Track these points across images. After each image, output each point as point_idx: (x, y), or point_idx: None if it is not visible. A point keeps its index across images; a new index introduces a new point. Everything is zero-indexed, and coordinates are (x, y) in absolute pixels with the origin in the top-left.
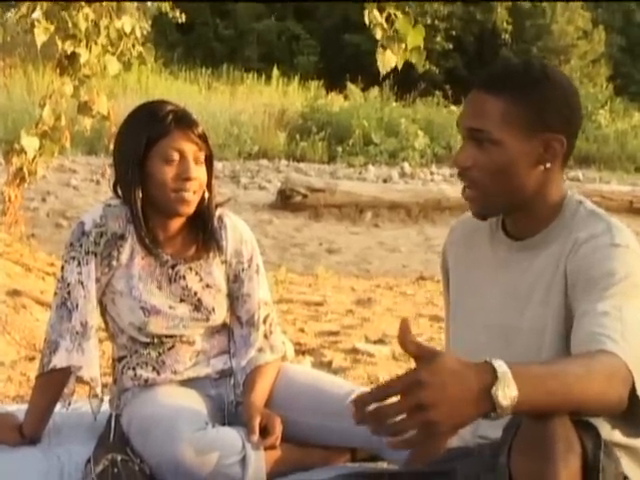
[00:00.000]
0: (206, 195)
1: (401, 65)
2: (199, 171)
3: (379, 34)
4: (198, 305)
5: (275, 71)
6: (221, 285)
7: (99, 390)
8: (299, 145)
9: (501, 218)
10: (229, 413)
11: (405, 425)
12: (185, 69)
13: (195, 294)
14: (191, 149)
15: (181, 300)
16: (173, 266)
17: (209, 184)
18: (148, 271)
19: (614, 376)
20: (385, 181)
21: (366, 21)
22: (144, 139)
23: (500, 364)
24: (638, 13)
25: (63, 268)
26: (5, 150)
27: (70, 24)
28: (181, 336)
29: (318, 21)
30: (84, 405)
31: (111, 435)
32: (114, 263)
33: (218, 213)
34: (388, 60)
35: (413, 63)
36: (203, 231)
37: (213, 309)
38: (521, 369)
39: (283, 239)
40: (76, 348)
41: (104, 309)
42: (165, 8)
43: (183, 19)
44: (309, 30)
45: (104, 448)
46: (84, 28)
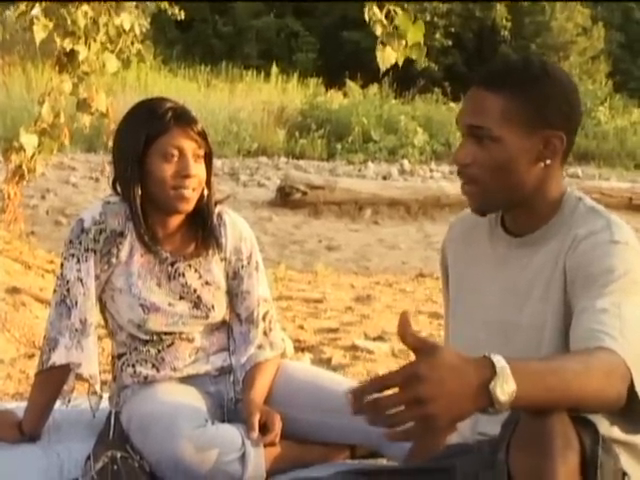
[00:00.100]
0: (205, 192)
1: (402, 62)
2: (198, 168)
3: (379, 30)
4: (197, 302)
5: (274, 68)
6: (220, 282)
7: (98, 387)
8: (298, 142)
9: (500, 215)
10: (229, 410)
11: (402, 417)
12: (184, 66)
13: (194, 291)
14: (190, 146)
15: (180, 297)
16: (172, 263)
17: (208, 181)
18: (147, 268)
19: (613, 373)
20: (384, 178)
21: (366, 18)
22: (143, 136)
23: (499, 359)
24: (637, 10)
25: (62, 265)
26: (4, 148)
27: (69, 21)
28: (180, 333)
29: (317, 18)
30: (84, 402)
31: (111, 432)
32: (113, 260)
33: (217, 210)
34: (388, 57)
35: (412, 60)
36: (202, 228)
37: (212, 306)
38: (520, 365)
39: (282, 236)
40: (75, 345)
41: (103, 306)
42: (164, 5)
43: (182, 16)
44: (308, 27)
45: (104, 445)
46: (83, 25)
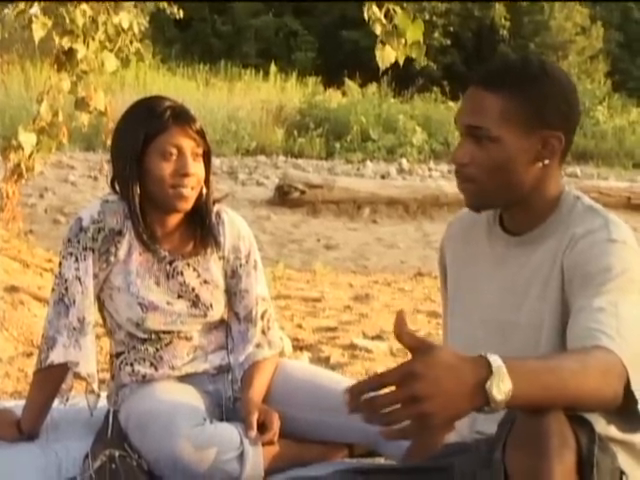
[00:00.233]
0: (204, 191)
1: (402, 60)
2: (197, 167)
3: (378, 29)
4: (196, 301)
5: (273, 67)
6: (219, 281)
7: (96, 386)
8: (297, 141)
9: (498, 213)
10: (227, 409)
11: (399, 415)
12: (183, 65)
13: (193, 290)
14: (189, 145)
15: (179, 296)
16: (171, 262)
17: (207, 180)
18: (146, 267)
19: (609, 372)
20: (383, 177)
21: (365, 17)
22: (142, 135)
23: (495, 358)
24: (636, 10)
25: (61, 264)
26: (2, 146)
27: (68, 20)
28: (179, 332)
29: (316, 17)
30: (82, 401)
31: (109, 431)
32: (112, 259)
33: (216, 209)
34: (387, 55)
35: (411, 59)
36: (201, 227)
37: (211, 305)
38: (516, 364)
39: (281, 235)
40: (73, 344)
41: (102, 305)
42: (163, 4)
43: (181, 15)
44: (307, 26)
45: (102, 444)
46: (82, 24)
